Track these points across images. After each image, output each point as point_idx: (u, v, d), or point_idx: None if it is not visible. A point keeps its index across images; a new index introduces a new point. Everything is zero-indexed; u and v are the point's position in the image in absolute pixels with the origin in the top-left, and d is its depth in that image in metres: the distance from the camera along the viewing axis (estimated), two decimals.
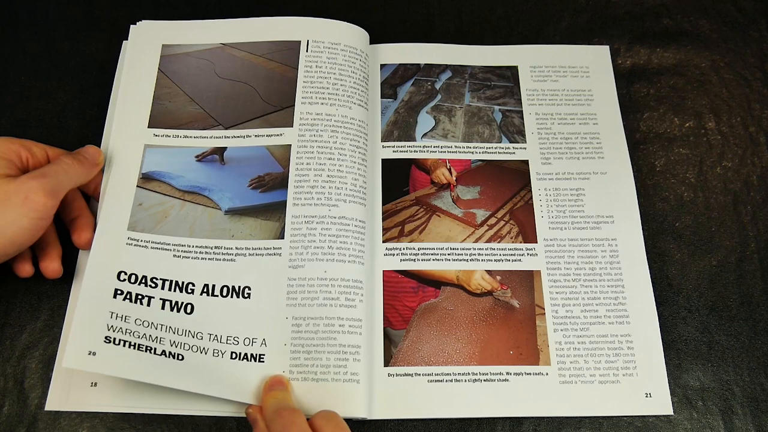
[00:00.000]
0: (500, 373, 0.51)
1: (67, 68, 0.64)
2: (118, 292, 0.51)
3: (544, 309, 0.53)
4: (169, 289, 0.52)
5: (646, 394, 0.51)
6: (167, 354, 0.49)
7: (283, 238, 0.54)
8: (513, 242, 0.56)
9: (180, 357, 0.49)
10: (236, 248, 0.53)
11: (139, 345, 0.48)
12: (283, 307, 0.51)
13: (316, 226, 0.54)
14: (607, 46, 0.65)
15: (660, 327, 0.53)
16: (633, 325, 0.53)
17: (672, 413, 0.51)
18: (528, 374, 0.51)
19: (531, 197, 0.58)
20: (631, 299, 0.54)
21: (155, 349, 0.49)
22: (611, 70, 0.64)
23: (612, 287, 0.54)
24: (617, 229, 0.57)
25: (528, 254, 0.56)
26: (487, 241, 0.56)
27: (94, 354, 0.48)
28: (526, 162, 0.60)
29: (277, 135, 0.58)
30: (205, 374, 0.48)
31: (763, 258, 0.57)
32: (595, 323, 0.53)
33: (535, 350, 0.52)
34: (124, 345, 0.48)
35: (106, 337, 0.48)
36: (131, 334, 0.49)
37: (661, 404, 0.51)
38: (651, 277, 0.55)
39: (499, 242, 0.56)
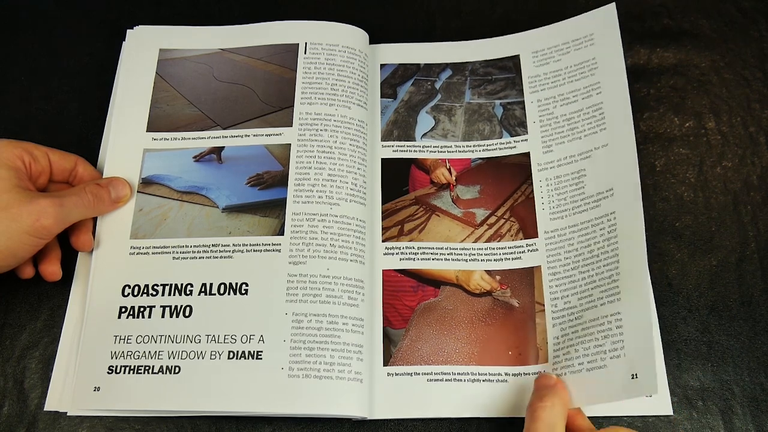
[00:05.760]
0: (499, 374, 0.51)
1: (67, 68, 0.64)
2: (123, 309, 0.52)
3: (543, 305, 0.53)
4: (170, 294, 0.52)
5: (633, 376, 0.47)
6: (164, 369, 0.49)
7: (282, 234, 0.54)
8: (513, 239, 0.56)
9: (177, 369, 0.49)
10: (233, 245, 0.53)
11: (138, 367, 0.50)
12: (283, 303, 0.51)
13: (317, 224, 0.54)
14: (614, 3, 0.61)
15: (660, 327, 0.53)
16: (623, 302, 0.49)
17: (672, 413, 0.50)
18: (527, 374, 0.51)
19: (531, 190, 0.58)
20: (624, 273, 0.50)
21: (153, 367, 0.50)
22: (617, 26, 0.60)
23: (607, 265, 0.52)
24: (616, 202, 0.54)
25: (528, 250, 0.55)
26: (486, 241, 0.56)
27: (98, 389, 0.49)
28: (527, 155, 0.59)
29: (276, 134, 0.58)
30: (201, 387, 0.49)
31: (763, 258, 0.56)
32: (589, 308, 0.51)
33: (534, 349, 0.52)
34: (126, 372, 0.49)
35: (110, 367, 0.50)
36: (132, 356, 0.50)
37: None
38: (651, 277, 0.55)
39: (498, 241, 0.56)
